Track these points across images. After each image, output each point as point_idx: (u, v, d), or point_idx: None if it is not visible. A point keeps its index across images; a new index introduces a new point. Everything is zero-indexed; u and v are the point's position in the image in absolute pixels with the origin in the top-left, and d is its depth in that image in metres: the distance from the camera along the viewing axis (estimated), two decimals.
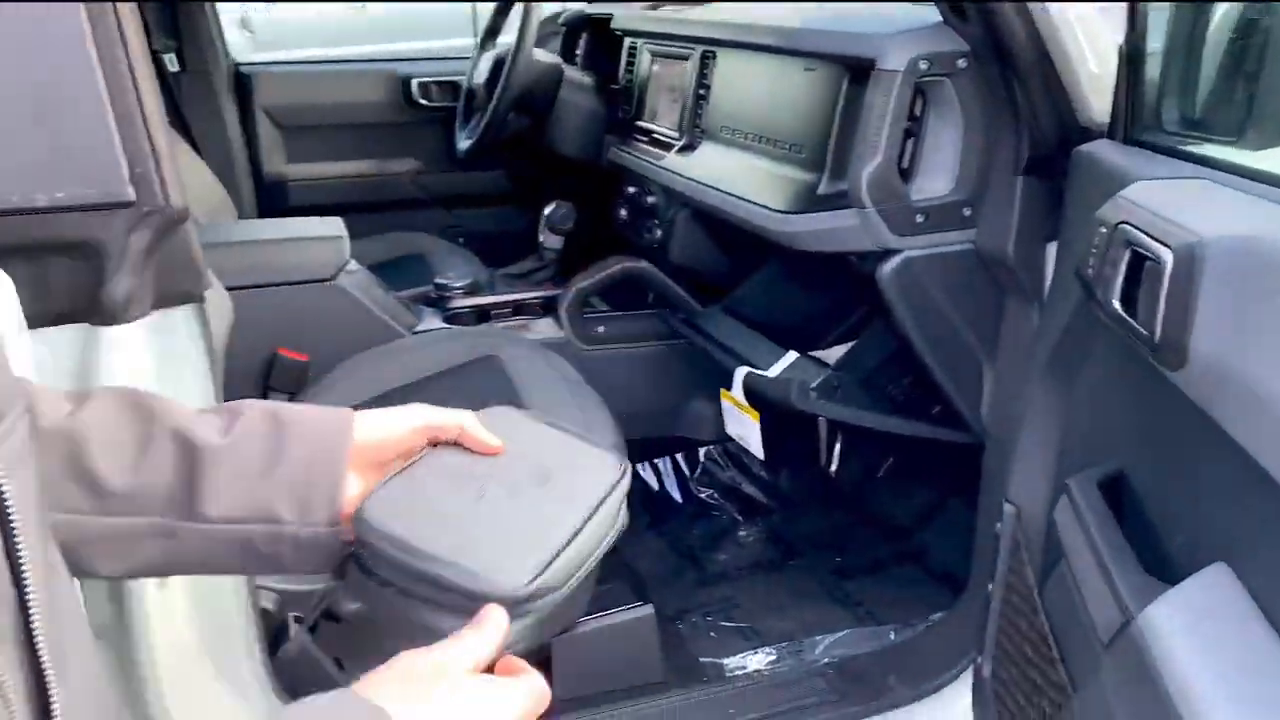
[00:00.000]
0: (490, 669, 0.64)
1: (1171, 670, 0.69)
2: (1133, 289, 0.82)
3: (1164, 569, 0.85)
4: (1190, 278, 0.72)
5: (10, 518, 0.49)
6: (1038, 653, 1.13)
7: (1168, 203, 0.83)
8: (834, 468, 2.29)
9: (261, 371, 1.90)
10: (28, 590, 0.49)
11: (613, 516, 0.78)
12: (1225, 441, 0.72)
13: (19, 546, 0.49)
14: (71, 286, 1.04)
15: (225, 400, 1.27)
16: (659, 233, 2.18)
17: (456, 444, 0.78)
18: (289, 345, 1.91)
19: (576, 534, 0.72)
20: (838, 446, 2.28)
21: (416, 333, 2.05)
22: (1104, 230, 0.90)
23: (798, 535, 2.16)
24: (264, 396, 1.89)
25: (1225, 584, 0.73)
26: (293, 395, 1.90)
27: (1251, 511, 0.73)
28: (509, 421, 0.82)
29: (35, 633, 0.49)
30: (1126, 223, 0.85)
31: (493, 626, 0.64)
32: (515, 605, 0.68)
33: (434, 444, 0.78)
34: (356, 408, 1.85)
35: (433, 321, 2.13)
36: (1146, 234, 0.80)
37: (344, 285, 1.96)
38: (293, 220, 2.15)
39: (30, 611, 0.49)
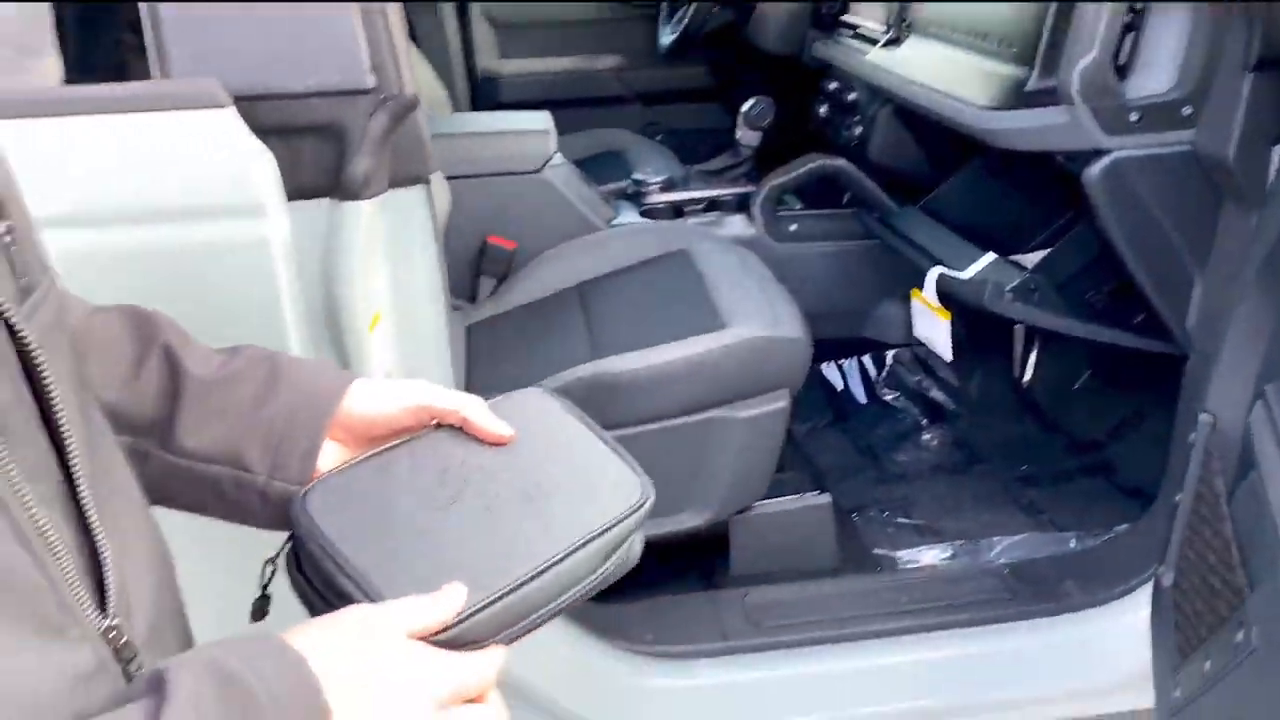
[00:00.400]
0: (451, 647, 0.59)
1: None
2: None
3: None
4: None
5: (47, 386, 0.50)
6: (1220, 559, 1.12)
7: None
8: (1026, 377, 2.25)
9: (473, 257, 2.04)
10: (70, 454, 0.51)
11: (603, 554, 0.66)
12: None
13: (58, 413, 0.50)
14: (318, 165, 1.16)
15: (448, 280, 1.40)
16: (858, 130, 2.17)
17: (462, 428, 0.71)
18: (498, 233, 2.04)
19: (534, 576, 0.62)
20: (1033, 356, 2.24)
21: (614, 226, 2.13)
22: None
23: (983, 442, 2.15)
24: (476, 281, 2.04)
25: None
26: (501, 280, 2.03)
27: None
28: (533, 413, 0.73)
29: (80, 493, 0.51)
30: None
31: (447, 600, 0.59)
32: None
33: (437, 426, 0.71)
34: (557, 295, 1.97)
35: (629, 215, 2.21)
36: None
37: (549, 178, 2.05)
38: (504, 114, 2.26)
39: (74, 474, 0.51)
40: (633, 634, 1.54)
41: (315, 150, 1.16)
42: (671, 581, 1.71)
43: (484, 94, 2.91)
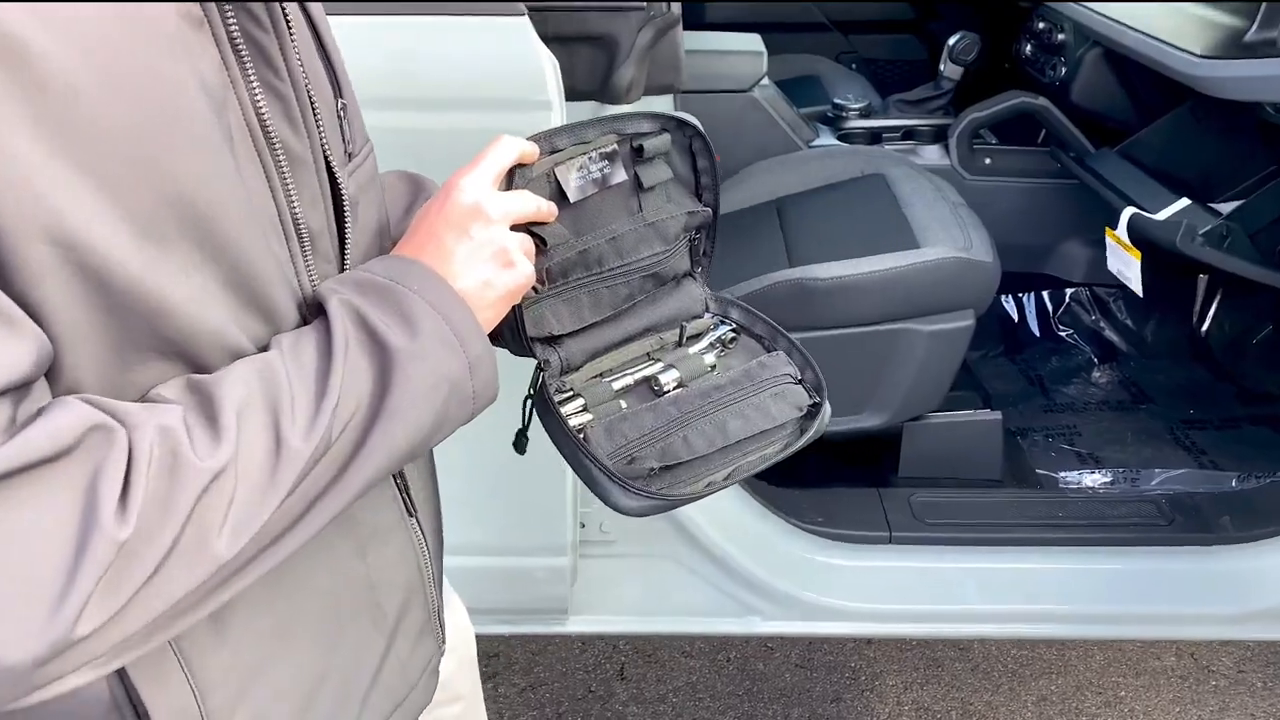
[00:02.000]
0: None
1: None
2: None
3: None
4: None
5: (346, 224, 0.69)
6: None
7: None
8: (1205, 326, 2.29)
9: None
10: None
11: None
12: None
13: (348, 245, 0.69)
14: (590, 71, 1.34)
15: None
16: (1063, 70, 2.20)
17: None
18: None
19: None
20: (1214, 305, 2.27)
21: (813, 147, 2.25)
22: None
23: (1153, 384, 2.21)
24: None
25: None
26: None
27: None
28: None
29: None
30: None
31: (502, 146, 0.77)
32: None
33: None
34: (756, 208, 2.09)
35: (827, 139, 2.32)
36: None
37: (757, 97, 2.18)
38: (717, 34, 2.39)
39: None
40: (806, 515, 1.71)
41: (589, 57, 1.34)
42: (844, 476, 1.87)
43: (690, 14, 3.02)
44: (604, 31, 1.32)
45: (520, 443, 0.91)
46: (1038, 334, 2.38)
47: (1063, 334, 2.36)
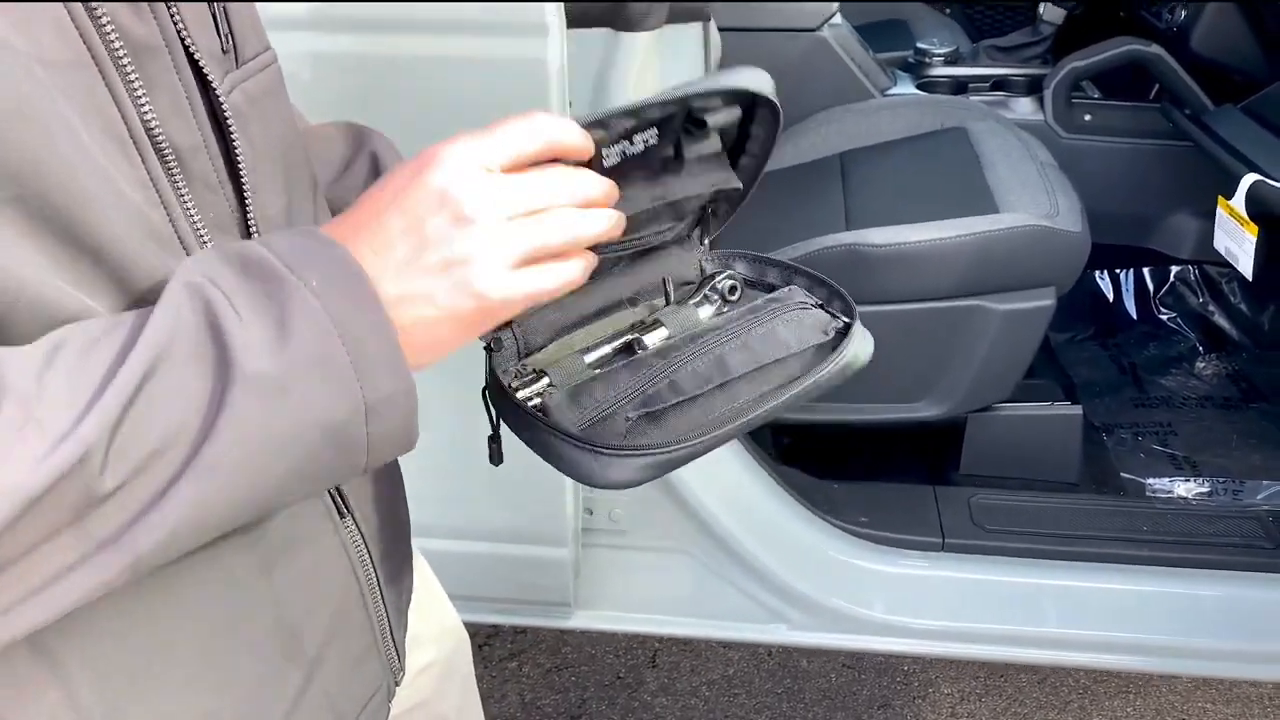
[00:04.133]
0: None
1: None
2: None
3: None
4: None
5: (234, 141, 0.53)
6: None
7: None
8: None
9: None
10: (249, 210, 0.54)
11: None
12: None
13: (241, 169, 0.54)
14: None
15: None
16: (1183, 14, 1.94)
17: None
18: None
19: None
20: None
21: (888, 95, 2.04)
22: None
23: (1268, 379, 1.95)
24: None
25: None
26: None
27: None
28: None
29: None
30: None
31: (528, 126, 0.52)
32: None
33: None
34: (817, 162, 1.91)
35: (906, 87, 2.10)
36: None
37: (826, 37, 1.97)
38: None
39: (250, 230, 0.55)
40: (846, 514, 1.53)
41: None
42: (895, 470, 1.68)
43: None
44: None
45: (494, 452, 0.71)
46: (1135, 316, 2.14)
47: (1164, 317, 2.12)
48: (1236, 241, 1.61)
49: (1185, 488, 1.67)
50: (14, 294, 0.43)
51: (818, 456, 1.69)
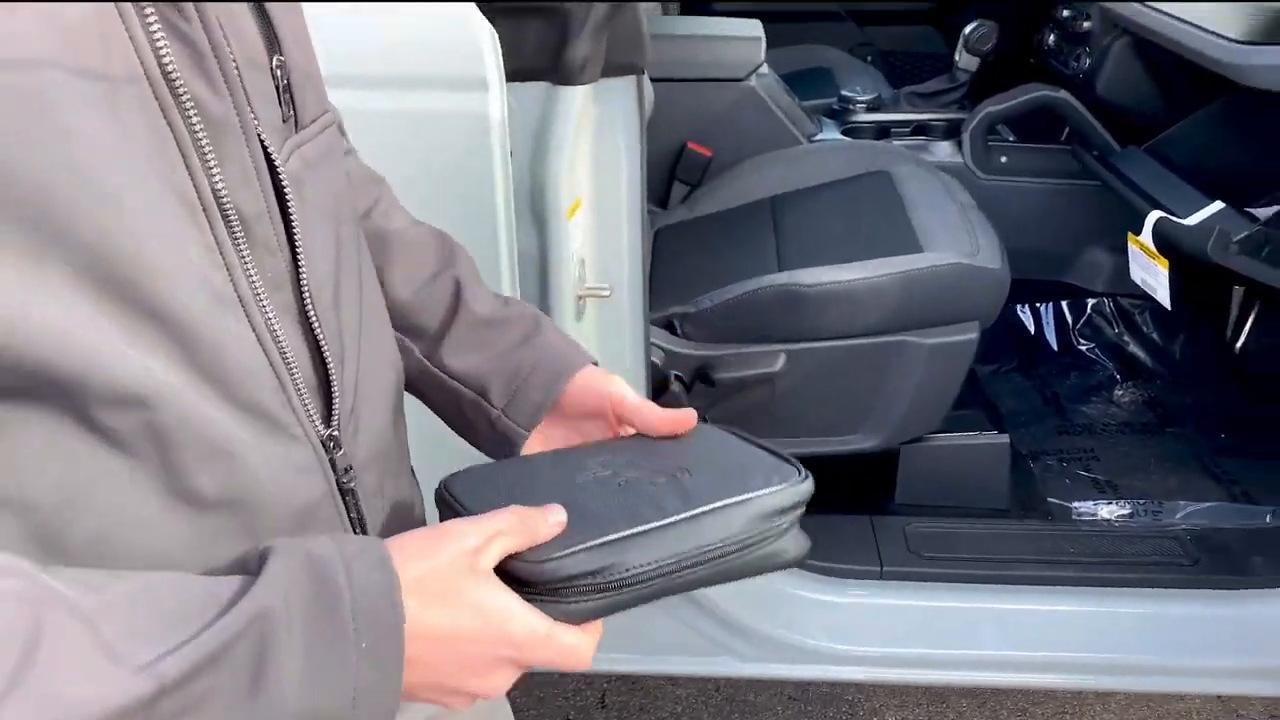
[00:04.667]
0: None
1: None
2: None
3: None
4: None
5: (289, 205, 0.55)
6: None
7: None
8: (1240, 342, 2.11)
9: (669, 162, 2.05)
10: (301, 271, 0.56)
11: (743, 532, 0.61)
12: None
13: (295, 232, 0.55)
14: (540, 47, 1.20)
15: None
16: (1087, 62, 2.05)
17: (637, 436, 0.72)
18: (697, 139, 2.05)
19: (655, 530, 0.59)
20: (1251, 319, 2.09)
21: (814, 141, 2.11)
22: None
23: (1181, 404, 2.04)
24: (669, 186, 2.06)
25: None
26: (694, 187, 2.04)
27: None
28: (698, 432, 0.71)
29: (309, 310, 0.56)
30: None
31: (547, 516, 0.58)
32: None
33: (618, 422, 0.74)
34: (749, 206, 1.96)
35: (831, 133, 2.18)
36: None
37: (755, 86, 2.04)
38: (714, 19, 2.24)
39: (303, 289, 0.56)
40: None
41: (537, 32, 1.19)
42: (834, 502, 1.72)
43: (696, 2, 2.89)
44: (553, 2, 1.17)
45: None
46: (1055, 348, 2.22)
47: (1083, 348, 2.20)
48: (1151, 274, 1.70)
49: (1108, 510, 1.73)
50: (85, 362, 0.45)
51: None
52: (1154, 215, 1.66)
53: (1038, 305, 2.24)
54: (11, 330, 0.43)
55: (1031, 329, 2.24)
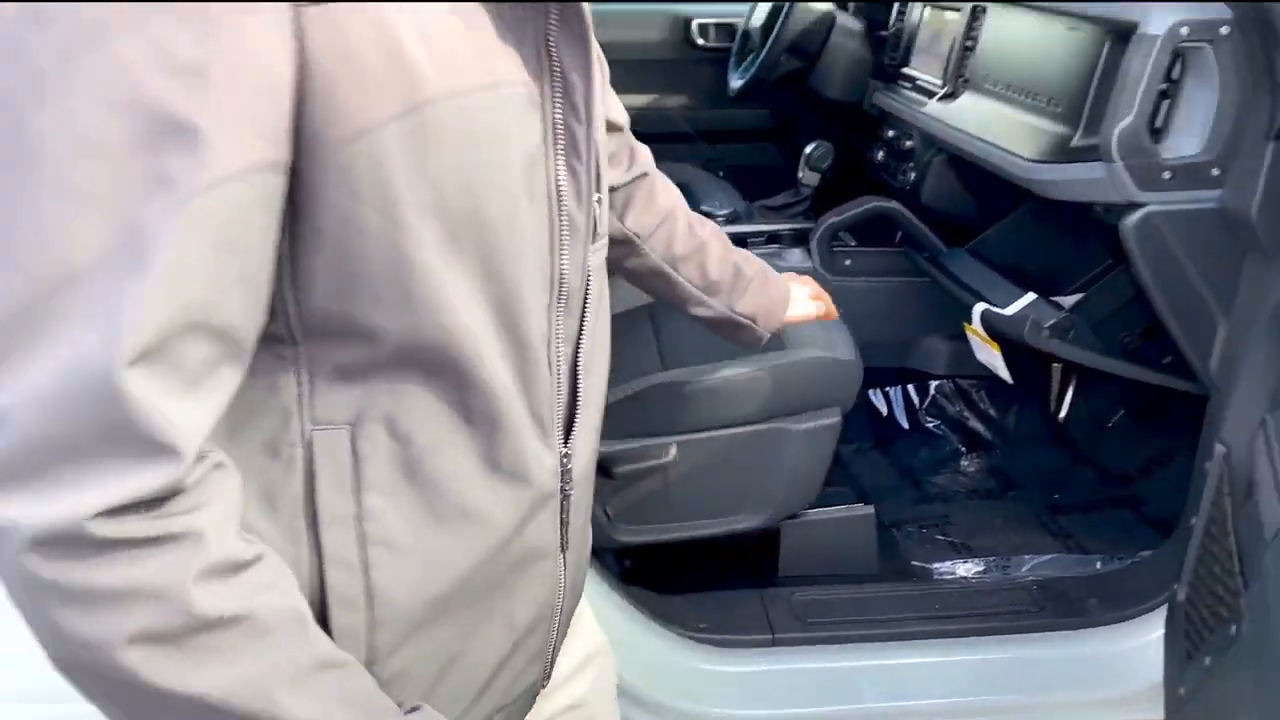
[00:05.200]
0: None
1: None
2: None
3: None
4: None
5: (590, 288, 0.78)
6: (1224, 570, 1.26)
7: None
8: (1063, 413, 2.39)
9: None
10: (584, 332, 0.78)
11: None
12: None
13: (588, 306, 0.78)
14: None
15: None
16: (912, 175, 2.32)
17: None
18: None
19: None
20: (1069, 393, 2.38)
21: None
22: None
23: (1018, 471, 2.29)
24: None
25: None
26: None
27: None
28: None
29: (581, 357, 0.78)
30: None
31: None
32: None
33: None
34: (629, 313, 2.12)
35: None
36: None
37: None
38: None
39: (581, 345, 0.78)
40: (688, 622, 1.69)
41: None
42: (725, 579, 1.87)
43: None
44: None
45: None
46: (906, 426, 2.45)
47: (929, 425, 2.43)
48: (989, 356, 1.94)
49: (965, 568, 1.94)
50: (475, 359, 0.68)
51: (659, 573, 1.86)
52: (980, 307, 1.91)
53: (888, 389, 2.48)
54: (456, 329, 0.66)
55: (884, 411, 2.47)
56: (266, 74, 0.55)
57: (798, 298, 1.43)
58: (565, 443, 0.78)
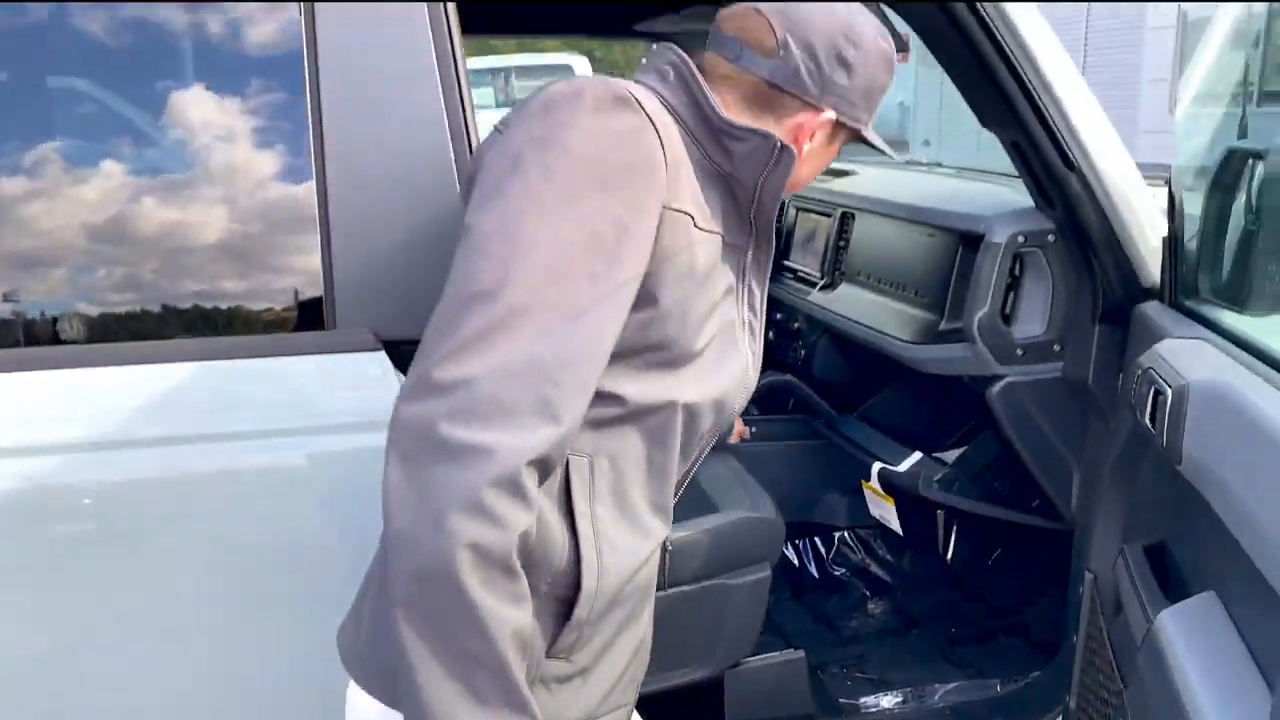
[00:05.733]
0: None
1: (1173, 652, 1.12)
2: (1154, 411, 1.27)
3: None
4: (1181, 406, 1.16)
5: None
6: (1105, 676, 1.53)
7: (1176, 356, 1.28)
8: (950, 554, 2.69)
9: None
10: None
11: None
12: (1211, 510, 1.15)
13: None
14: None
15: None
16: (802, 352, 2.66)
17: None
18: None
19: None
20: (954, 536, 2.68)
21: None
22: (1139, 371, 1.35)
23: (917, 609, 2.55)
24: None
25: (1210, 603, 1.16)
26: None
27: (1228, 558, 1.16)
28: None
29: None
30: (1151, 368, 1.30)
31: None
32: None
33: None
34: None
35: None
36: (1160, 376, 1.25)
37: None
38: None
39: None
40: None
41: None
42: None
43: None
44: None
45: None
46: (816, 576, 2.70)
47: (837, 574, 2.69)
48: (883, 510, 2.23)
49: (887, 700, 2.16)
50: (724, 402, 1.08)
51: None
52: (877, 466, 2.21)
53: (798, 542, 2.73)
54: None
55: (796, 563, 2.72)
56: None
57: None
58: None
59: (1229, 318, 1.43)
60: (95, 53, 1.38)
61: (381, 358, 1.41)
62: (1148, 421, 1.29)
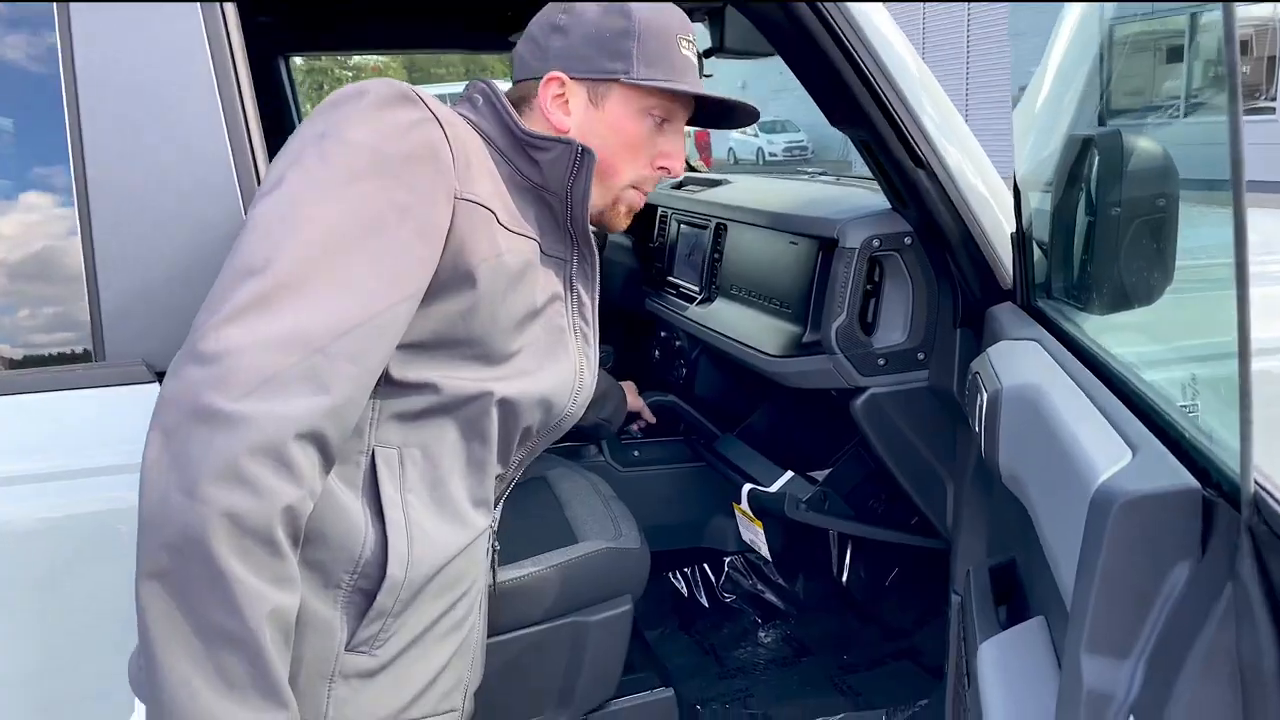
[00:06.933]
0: None
1: (985, 687, 1.01)
2: (978, 417, 1.16)
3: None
4: (995, 412, 1.06)
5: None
6: (970, 707, 1.42)
7: (1003, 358, 1.17)
8: (845, 577, 2.58)
9: None
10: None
11: None
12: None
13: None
14: None
15: None
16: (684, 371, 2.55)
17: None
18: None
19: None
20: (848, 558, 2.57)
21: None
22: (970, 376, 1.24)
23: (810, 636, 2.44)
24: None
25: (1034, 631, 1.05)
26: None
27: (1051, 578, 1.05)
28: None
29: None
30: (979, 372, 1.20)
31: None
32: None
33: None
34: None
35: None
36: (983, 381, 1.14)
37: None
38: None
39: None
40: None
41: None
42: None
43: None
44: None
45: None
46: (706, 604, 2.57)
47: (727, 600, 2.57)
48: (753, 533, 2.11)
49: None
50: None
51: None
52: (747, 486, 2.10)
53: (686, 570, 2.61)
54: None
55: (685, 592, 2.59)
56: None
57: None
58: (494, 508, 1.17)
59: (1078, 317, 1.33)
60: None
61: (156, 390, 1.27)
62: (978, 429, 1.19)
